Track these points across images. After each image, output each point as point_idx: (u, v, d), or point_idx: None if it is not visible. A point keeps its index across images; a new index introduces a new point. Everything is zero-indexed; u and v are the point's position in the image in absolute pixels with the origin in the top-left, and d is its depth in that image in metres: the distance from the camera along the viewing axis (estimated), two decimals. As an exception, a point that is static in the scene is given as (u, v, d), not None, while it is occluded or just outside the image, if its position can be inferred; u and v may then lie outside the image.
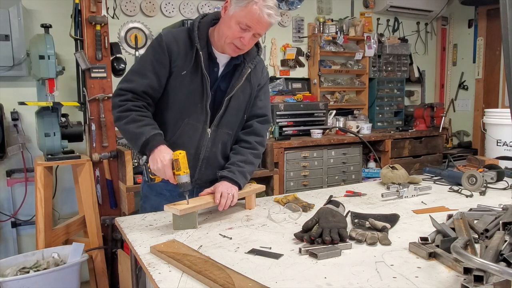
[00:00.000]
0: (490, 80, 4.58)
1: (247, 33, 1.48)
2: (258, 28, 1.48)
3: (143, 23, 3.25)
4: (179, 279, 1.02)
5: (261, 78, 1.72)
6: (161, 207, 1.47)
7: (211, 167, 1.66)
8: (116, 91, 1.57)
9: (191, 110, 1.58)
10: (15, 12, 2.70)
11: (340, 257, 1.14)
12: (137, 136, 1.47)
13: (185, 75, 1.54)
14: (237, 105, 1.64)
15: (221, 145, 1.66)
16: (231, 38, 1.49)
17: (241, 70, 1.62)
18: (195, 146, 1.61)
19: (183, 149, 1.51)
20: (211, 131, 1.62)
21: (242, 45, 1.51)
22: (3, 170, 2.86)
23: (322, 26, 3.95)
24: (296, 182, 3.24)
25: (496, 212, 1.42)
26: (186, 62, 1.54)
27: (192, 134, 1.60)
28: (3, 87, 2.80)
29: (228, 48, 1.53)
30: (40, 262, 2.39)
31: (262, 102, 1.74)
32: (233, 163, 1.64)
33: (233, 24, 1.47)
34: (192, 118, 1.58)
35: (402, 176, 1.95)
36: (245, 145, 1.70)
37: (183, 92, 1.56)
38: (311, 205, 1.64)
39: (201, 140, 1.61)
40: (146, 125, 1.49)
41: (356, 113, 4.12)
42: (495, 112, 3.19)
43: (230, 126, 1.67)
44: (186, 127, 1.59)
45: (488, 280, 0.88)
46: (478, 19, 4.61)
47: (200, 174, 1.65)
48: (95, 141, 2.73)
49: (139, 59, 1.62)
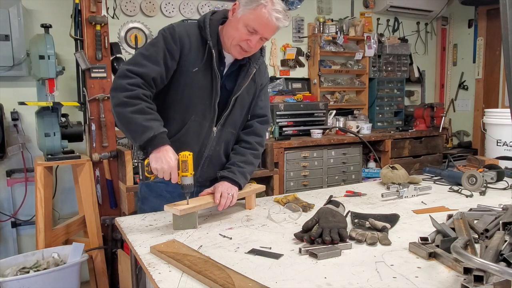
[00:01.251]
0: (490, 80, 4.58)
1: (254, 36, 1.47)
2: (265, 32, 1.47)
3: (143, 23, 3.25)
4: (179, 279, 1.02)
5: (264, 78, 1.73)
6: (161, 208, 1.45)
7: (213, 165, 1.65)
8: (122, 72, 1.43)
9: (199, 107, 1.55)
10: (15, 12, 2.70)
11: (340, 257, 1.14)
12: (144, 130, 1.38)
13: (196, 72, 1.52)
14: (242, 105, 1.64)
15: (224, 144, 1.66)
16: (238, 40, 1.48)
17: (247, 70, 1.61)
18: (199, 144, 1.59)
19: (188, 146, 1.50)
20: (217, 130, 1.61)
21: (249, 47, 1.50)
22: (3, 170, 2.86)
23: (322, 26, 3.95)
24: (296, 182, 3.24)
25: (496, 212, 1.42)
26: (198, 58, 1.51)
27: (198, 132, 1.58)
28: (3, 87, 2.80)
29: (234, 50, 1.52)
30: (40, 262, 2.39)
31: (262, 102, 1.75)
32: (233, 163, 1.63)
33: (240, 26, 1.46)
34: (199, 115, 1.56)
35: (402, 176, 1.95)
36: (246, 145, 1.70)
37: (193, 89, 1.53)
38: (311, 205, 1.64)
39: (206, 139, 1.60)
40: (155, 120, 1.42)
41: (356, 113, 4.12)
42: (495, 112, 3.19)
43: (235, 125, 1.67)
44: (192, 124, 1.56)
45: (488, 280, 0.88)
46: (478, 19, 4.61)
47: (202, 172, 1.64)
48: (95, 141, 2.73)
49: (149, 45, 1.50)
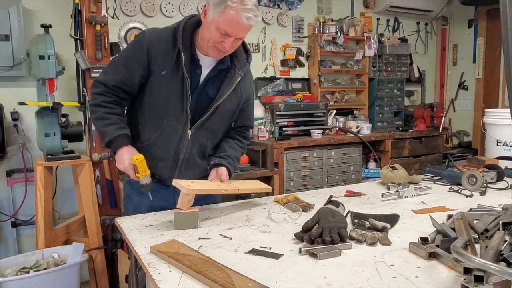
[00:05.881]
0: (490, 80, 4.58)
1: (227, 38, 1.46)
2: (237, 33, 1.46)
3: (143, 23, 3.25)
4: (179, 279, 1.02)
5: (250, 91, 1.76)
6: (142, 206, 1.51)
7: (190, 167, 1.66)
8: (93, 82, 1.60)
9: (171, 110, 1.56)
10: (15, 12, 2.70)
11: (340, 257, 1.14)
12: (102, 135, 1.53)
13: (164, 75, 1.52)
14: (223, 113, 1.64)
15: (200, 147, 1.65)
16: (213, 43, 1.49)
17: (231, 77, 1.61)
18: (175, 146, 1.61)
19: (163, 148, 1.58)
20: (191, 133, 1.60)
21: (224, 49, 1.50)
22: (3, 170, 2.86)
23: (322, 26, 3.95)
24: (296, 182, 3.24)
25: (496, 212, 1.42)
26: (166, 62, 1.52)
27: (172, 135, 1.59)
28: (3, 87, 2.80)
29: (212, 51, 1.52)
30: (40, 262, 2.38)
31: (251, 114, 1.83)
32: (229, 156, 1.70)
33: (212, 29, 1.45)
34: (172, 118, 1.57)
35: (402, 176, 1.95)
36: (239, 143, 1.79)
37: (163, 92, 1.54)
38: (311, 205, 1.64)
39: (181, 141, 1.60)
40: (111, 124, 1.52)
41: (356, 113, 4.11)
42: (495, 112, 3.19)
43: (213, 131, 1.67)
44: (166, 127, 1.58)
45: (488, 280, 0.88)
46: (478, 19, 4.61)
47: (180, 174, 1.64)
48: (95, 141, 2.73)
49: (120, 52, 1.66)
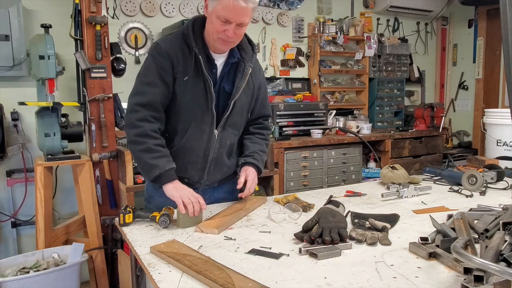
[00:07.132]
0: (490, 80, 4.58)
1: (229, 25, 1.47)
2: (237, 18, 1.46)
3: (143, 23, 3.25)
4: (179, 279, 1.02)
5: (261, 79, 1.76)
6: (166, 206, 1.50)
7: (218, 167, 1.69)
8: (130, 107, 1.54)
9: (197, 113, 1.58)
10: (15, 12, 2.70)
11: (340, 257, 1.14)
12: (151, 168, 1.49)
13: (187, 80, 1.54)
14: (241, 106, 1.66)
15: (228, 145, 1.68)
16: (216, 34, 1.50)
17: (243, 70, 1.62)
18: (203, 148, 1.63)
19: (192, 151, 1.60)
20: (218, 132, 1.63)
21: (228, 37, 1.50)
22: (3, 170, 2.86)
23: (322, 26, 3.95)
24: (296, 182, 3.24)
25: (496, 212, 1.42)
26: (187, 67, 1.54)
27: (200, 137, 1.61)
28: (3, 87, 2.80)
29: (217, 43, 1.53)
30: (40, 262, 2.38)
31: (266, 101, 1.83)
32: (254, 152, 1.73)
33: (214, 19, 1.47)
34: (199, 121, 1.59)
35: (402, 176, 1.95)
36: (260, 136, 1.81)
37: (188, 97, 1.56)
38: (311, 205, 1.64)
39: (209, 142, 1.62)
40: (161, 157, 1.50)
41: (356, 113, 4.11)
42: (495, 112, 3.19)
43: (236, 126, 1.69)
44: (194, 130, 1.60)
45: (488, 280, 0.88)
46: (478, 19, 4.61)
47: (208, 175, 1.68)
48: (95, 141, 2.73)
49: (144, 69, 1.58)
